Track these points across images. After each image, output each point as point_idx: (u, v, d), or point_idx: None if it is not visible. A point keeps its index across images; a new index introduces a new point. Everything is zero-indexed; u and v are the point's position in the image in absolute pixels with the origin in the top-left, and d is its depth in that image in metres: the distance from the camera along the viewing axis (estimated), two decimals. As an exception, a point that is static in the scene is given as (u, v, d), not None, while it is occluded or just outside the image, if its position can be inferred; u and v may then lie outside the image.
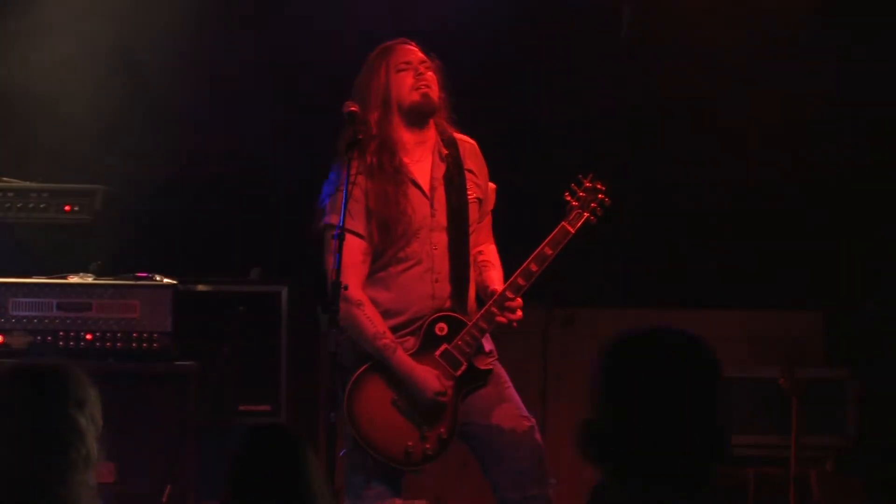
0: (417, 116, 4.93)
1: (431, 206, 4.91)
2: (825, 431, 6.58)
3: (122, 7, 6.66)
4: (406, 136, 4.93)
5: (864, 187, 7.00)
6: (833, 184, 7.01)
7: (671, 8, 6.86)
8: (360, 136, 4.77)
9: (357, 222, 4.81)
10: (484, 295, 4.95)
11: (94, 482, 2.57)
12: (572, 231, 4.92)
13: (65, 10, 6.60)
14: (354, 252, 4.79)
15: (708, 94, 6.96)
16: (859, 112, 6.94)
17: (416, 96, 4.90)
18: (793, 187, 7.06)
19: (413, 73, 4.92)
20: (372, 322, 4.79)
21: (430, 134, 4.98)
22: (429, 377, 4.80)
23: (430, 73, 4.94)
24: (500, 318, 4.83)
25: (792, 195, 7.07)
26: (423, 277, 4.88)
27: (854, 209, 7.02)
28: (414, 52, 4.98)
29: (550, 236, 4.90)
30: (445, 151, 4.96)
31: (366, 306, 4.80)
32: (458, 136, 5.03)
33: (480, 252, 5.05)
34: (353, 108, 4.79)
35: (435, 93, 4.93)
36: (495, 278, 4.97)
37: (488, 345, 4.95)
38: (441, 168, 4.95)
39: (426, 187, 4.92)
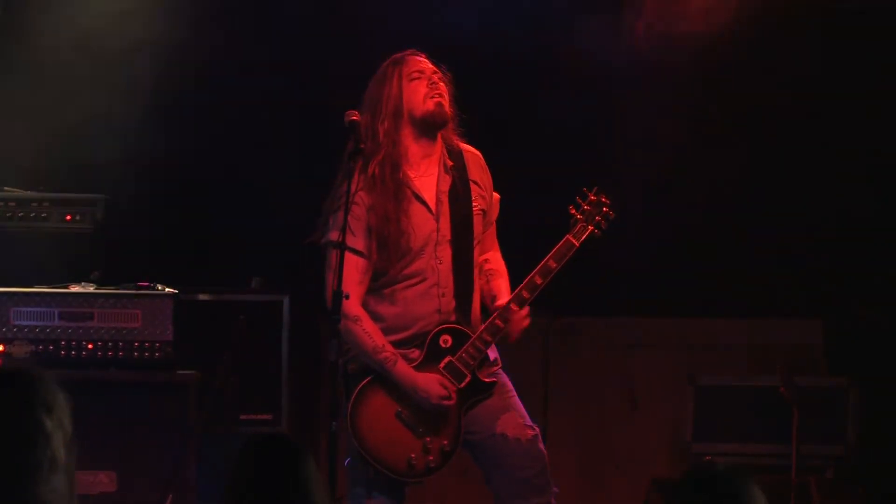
0: (429, 127, 4.91)
1: (437, 220, 4.90)
2: (825, 440, 6.59)
3: (121, 14, 6.67)
4: (413, 147, 4.92)
5: (864, 194, 7.01)
6: (833, 191, 7.01)
7: (672, 18, 6.88)
8: (362, 146, 4.76)
9: (358, 240, 4.80)
10: (489, 304, 4.95)
11: (66, 490, 2.58)
12: (577, 244, 4.91)
13: (64, 19, 6.62)
14: (354, 270, 4.78)
15: (706, 100, 6.98)
16: (859, 116, 6.96)
17: (430, 105, 4.88)
18: (792, 194, 7.06)
19: (427, 81, 4.90)
20: (370, 336, 4.78)
21: (437, 146, 4.96)
22: (432, 382, 4.80)
23: (442, 83, 4.93)
24: (504, 327, 4.84)
25: (792, 202, 7.07)
26: (429, 292, 4.87)
27: (854, 217, 7.03)
28: (425, 62, 4.96)
29: (555, 249, 4.89)
30: (451, 163, 4.95)
31: (363, 321, 4.79)
32: (464, 146, 5.02)
33: (487, 260, 5.04)
34: (354, 118, 4.78)
35: (448, 103, 4.91)
36: (502, 288, 4.96)
37: (493, 353, 4.95)
38: (447, 181, 4.93)
39: (431, 202, 4.90)
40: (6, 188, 6.09)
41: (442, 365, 4.84)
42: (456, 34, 6.50)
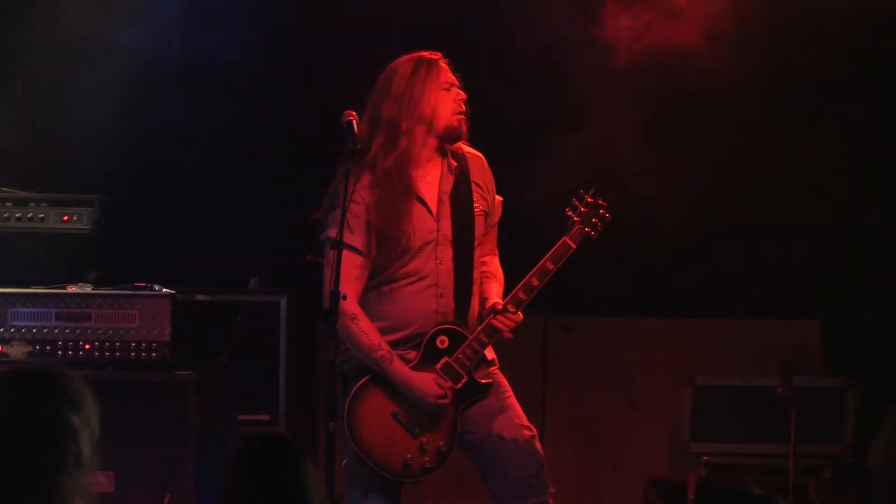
0: (446, 139, 4.91)
1: (437, 221, 4.89)
2: (824, 440, 6.58)
3: (121, 14, 6.66)
4: (423, 151, 4.91)
5: (863, 195, 7.01)
6: (831, 192, 7.01)
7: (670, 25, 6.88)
8: (360, 146, 4.75)
9: (356, 237, 4.80)
10: (483, 308, 4.94)
11: (90, 489, 2.62)
12: (574, 246, 4.91)
13: (62, 17, 6.62)
14: (351, 266, 4.77)
15: (703, 101, 6.98)
16: (858, 117, 6.96)
17: (454, 121, 4.87)
18: (791, 196, 7.06)
19: (454, 95, 4.89)
20: (367, 334, 4.78)
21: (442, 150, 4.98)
22: (427, 382, 4.80)
23: (463, 96, 4.93)
24: (500, 326, 4.83)
25: (790, 203, 7.07)
26: (427, 292, 4.86)
27: (852, 217, 7.03)
28: (451, 72, 4.93)
29: (552, 251, 4.89)
30: (454, 164, 4.94)
31: (360, 319, 4.79)
32: (466, 149, 5.01)
33: (483, 263, 5.04)
34: (351, 118, 4.77)
35: (465, 120, 4.94)
36: (495, 291, 4.96)
37: (490, 354, 4.95)
38: (449, 181, 4.93)
39: (433, 203, 4.90)
40: (3, 188, 6.08)
41: (439, 366, 4.83)
42: (456, 33, 6.51)
